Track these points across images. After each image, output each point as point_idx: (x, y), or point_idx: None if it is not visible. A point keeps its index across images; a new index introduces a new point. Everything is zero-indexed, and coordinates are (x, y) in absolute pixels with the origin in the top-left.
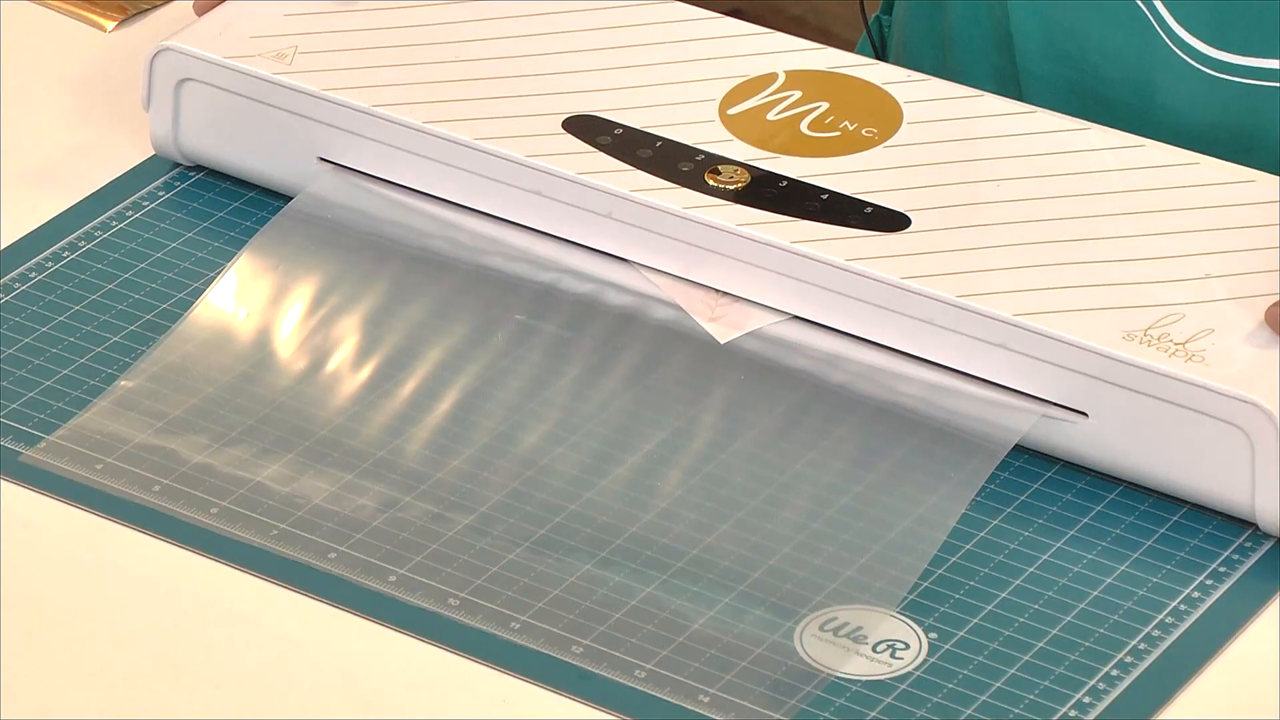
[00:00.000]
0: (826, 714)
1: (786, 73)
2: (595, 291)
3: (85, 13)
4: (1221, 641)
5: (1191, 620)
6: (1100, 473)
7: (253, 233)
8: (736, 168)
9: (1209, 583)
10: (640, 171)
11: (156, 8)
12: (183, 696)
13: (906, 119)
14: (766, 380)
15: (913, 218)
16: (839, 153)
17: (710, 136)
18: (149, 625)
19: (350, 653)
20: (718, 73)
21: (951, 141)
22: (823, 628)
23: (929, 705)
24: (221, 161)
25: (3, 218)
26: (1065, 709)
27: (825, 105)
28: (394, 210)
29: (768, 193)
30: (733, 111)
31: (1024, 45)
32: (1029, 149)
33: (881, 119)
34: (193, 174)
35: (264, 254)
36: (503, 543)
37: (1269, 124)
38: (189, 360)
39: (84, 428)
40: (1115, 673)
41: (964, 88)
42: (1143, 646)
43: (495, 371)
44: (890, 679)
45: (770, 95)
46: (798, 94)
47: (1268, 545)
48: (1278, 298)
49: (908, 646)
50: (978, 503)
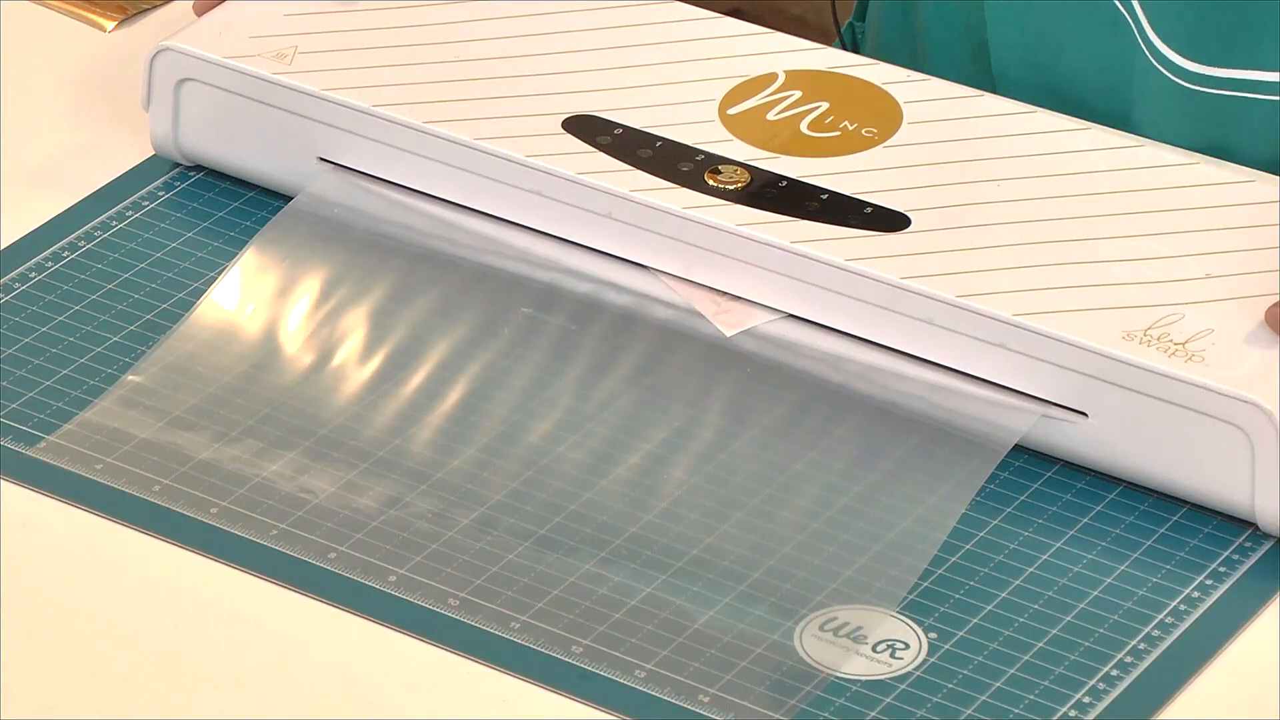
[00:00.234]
0: (826, 714)
1: (786, 73)
2: (595, 292)
3: (85, 13)
4: (1221, 641)
5: (1191, 620)
6: (1100, 473)
7: (253, 233)
8: (736, 168)
9: (1209, 583)
10: (640, 171)
11: (156, 8)
12: (183, 696)
13: (906, 119)
14: (766, 380)
15: (912, 218)
16: (839, 153)
17: (710, 136)
18: (149, 625)
19: (350, 653)
20: (718, 73)
21: (951, 141)
22: (823, 628)
23: (929, 705)
24: (221, 161)
25: (3, 218)
26: (1065, 709)
27: (825, 105)
28: (394, 210)
29: (768, 193)
30: (733, 111)
31: (1000, 52)
32: (1029, 149)
33: (881, 119)
34: (193, 174)
35: (268, 251)
36: (503, 542)
37: (1245, 135)
38: (194, 356)
39: (89, 423)
40: (1115, 673)
41: (964, 88)
42: (1143, 646)
43: (496, 372)
44: (890, 679)
45: (770, 95)
46: (798, 94)
47: (1268, 545)
48: (1278, 298)
49: (908, 646)
50: (978, 503)
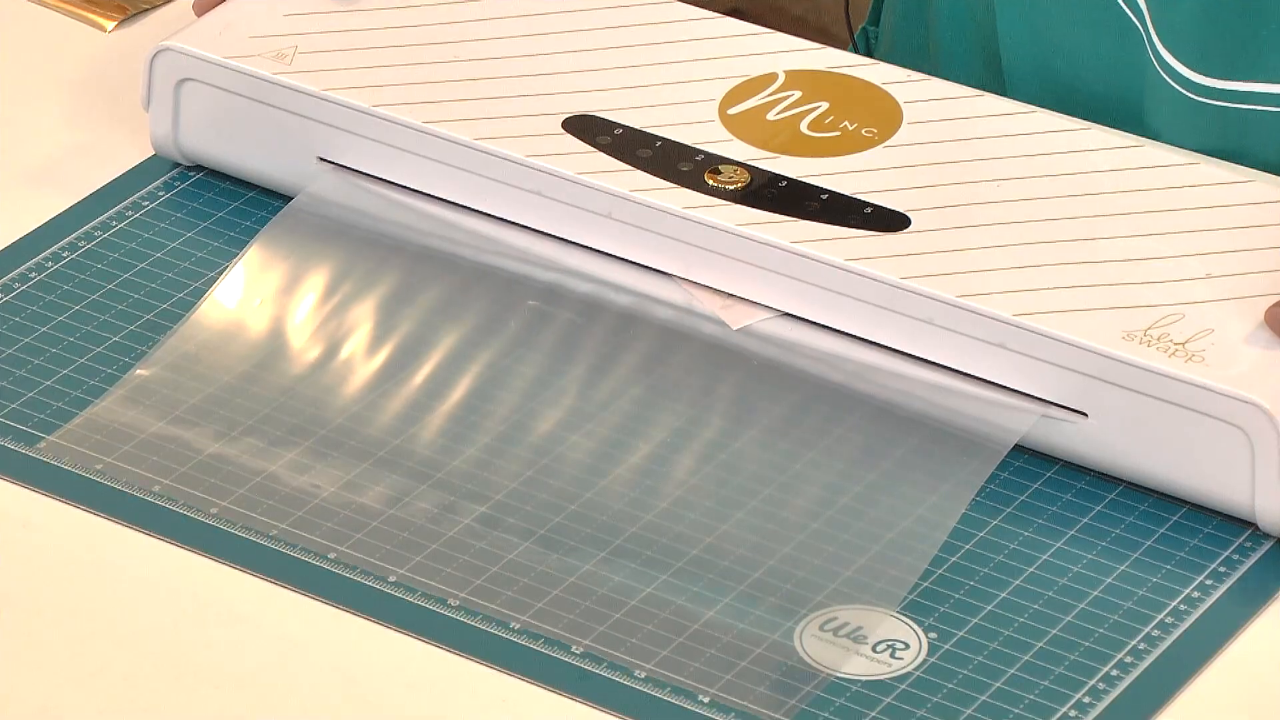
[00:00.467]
0: (826, 714)
1: (786, 73)
2: (595, 292)
3: (85, 13)
4: (1221, 641)
5: (1191, 620)
6: (1100, 473)
7: (253, 233)
8: (736, 168)
9: (1209, 583)
10: (640, 171)
11: (156, 8)
12: (183, 696)
13: (906, 119)
14: (766, 381)
15: (912, 218)
16: (839, 153)
17: (710, 136)
18: (149, 625)
19: (350, 653)
20: (718, 73)
21: (951, 141)
22: (823, 628)
23: (929, 705)
24: (221, 161)
25: (3, 218)
26: (1065, 709)
27: (825, 105)
28: (394, 210)
29: (768, 193)
30: (733, 111)
31: (1012, 60)
32: (1029, 149)
33: (881, 119)
34: (193, 174)
35: (270, 250)
36: (503, 542)
37: (1253, 148)
38: (197, 354)
39: (91, 422)
40: (1115, 673)
41: (964, 88)
42: (1143, 646)
43: (498, 370)
44: (890, 679)
45: (770, 95)
46: (797, 94)
47: (1268, 545)
48: (1278, 298)
49: (908, 646)
50: (978, 503)
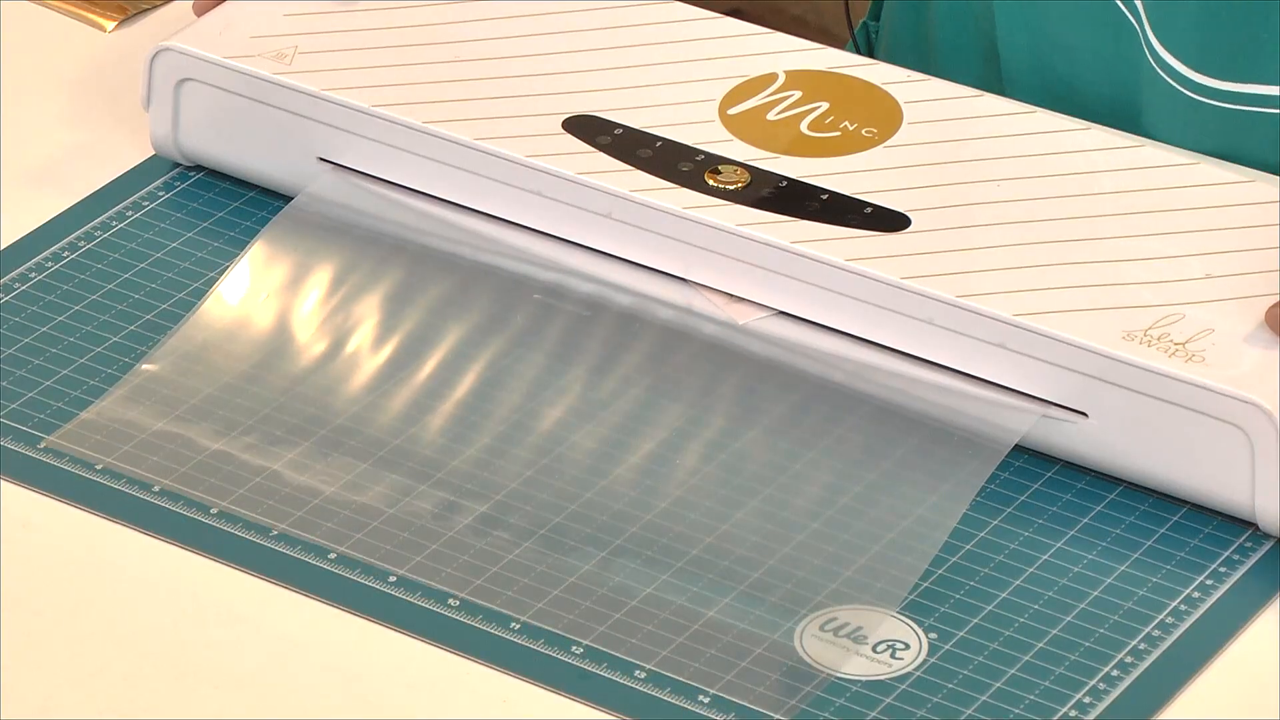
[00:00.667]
0: (826, 714)
1: (786, 73)
2: (595, 292)
3: (85, 13)
4: (1221, 641)
5: (1191, 620)
6: (1100, 473)
7: (253, 233)
8: (736, 168)
9: (1209, 583)
10: (640, 171)
11: (156, 8)
12: (183, 696)
13: (906, 119)
14: (767, 381)
15: (912, 218)
16: (839, 153)
17: (710, 136)
18: (149, 625)
19: (350, 653)
20: (718, 73)
21: (951, 141)
22: (823, 628)
23: (929, 705)
24: (221, 161)
25: (3, 218)
26: (1065, 709)
27: (825, 105)
28: (394, 210)
29: (768, 193)
30: (733, 111)
31: (1010, 55)
32: (1029, 149)
33: (881, 119)
34: (193, 174)
35: (271, 250)
36: (504, 541)
37: (1252, 149)
38: (201, 351)
39: (92, 421)
40: (1115, 673)
41: (964, 88)
42: (1143, 646)
43: (500, 369)
44: (890, 679)
45: (770, 95)
46: (798, 94)
47: (1268, 545)
48: (1278, 298)
49: (908, 646)
50: (978, 503)
